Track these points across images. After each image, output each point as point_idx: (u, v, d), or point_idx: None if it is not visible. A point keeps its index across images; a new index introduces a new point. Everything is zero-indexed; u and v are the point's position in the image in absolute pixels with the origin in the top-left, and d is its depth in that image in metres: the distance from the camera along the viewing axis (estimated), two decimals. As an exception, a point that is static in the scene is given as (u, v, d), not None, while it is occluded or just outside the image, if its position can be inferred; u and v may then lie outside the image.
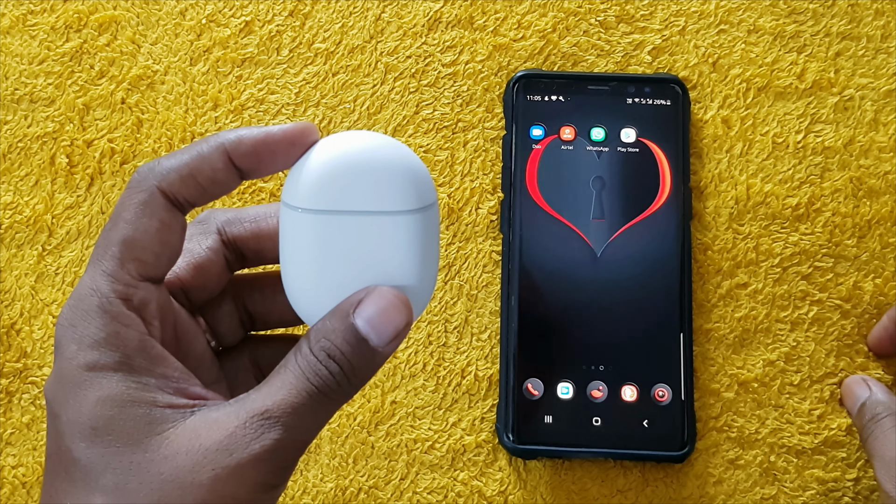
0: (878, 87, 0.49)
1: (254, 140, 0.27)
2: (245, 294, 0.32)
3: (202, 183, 0.26)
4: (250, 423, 0.24)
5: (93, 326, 0.25)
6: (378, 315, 0.26)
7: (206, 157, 0.26)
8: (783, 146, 0.48)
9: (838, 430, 0.45)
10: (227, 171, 0.27)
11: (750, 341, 0.46)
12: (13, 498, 0.45)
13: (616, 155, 0.47)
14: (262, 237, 0.30)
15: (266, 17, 0.50)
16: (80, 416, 0.24)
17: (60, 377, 0.25)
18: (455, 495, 0.45)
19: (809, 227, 0.47)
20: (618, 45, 0.49)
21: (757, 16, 0.50)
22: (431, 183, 0.27)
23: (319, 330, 0.26)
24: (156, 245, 0.26)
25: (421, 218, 0.27)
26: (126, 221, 0.26)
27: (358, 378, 0.26)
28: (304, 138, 0.27)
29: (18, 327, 0.47)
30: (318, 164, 0.26)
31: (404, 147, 0.27)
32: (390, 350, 0.26)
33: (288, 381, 0.25)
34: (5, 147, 0.49)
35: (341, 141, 0.27)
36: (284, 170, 0.27)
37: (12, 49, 0.50)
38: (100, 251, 0.26)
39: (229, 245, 0.30)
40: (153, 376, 0.25)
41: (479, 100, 0.49)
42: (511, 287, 0.46)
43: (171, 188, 0.26)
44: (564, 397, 0.45)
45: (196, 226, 0.30)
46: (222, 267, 0.30)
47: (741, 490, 0.45)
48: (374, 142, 0.27)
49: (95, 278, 0.26)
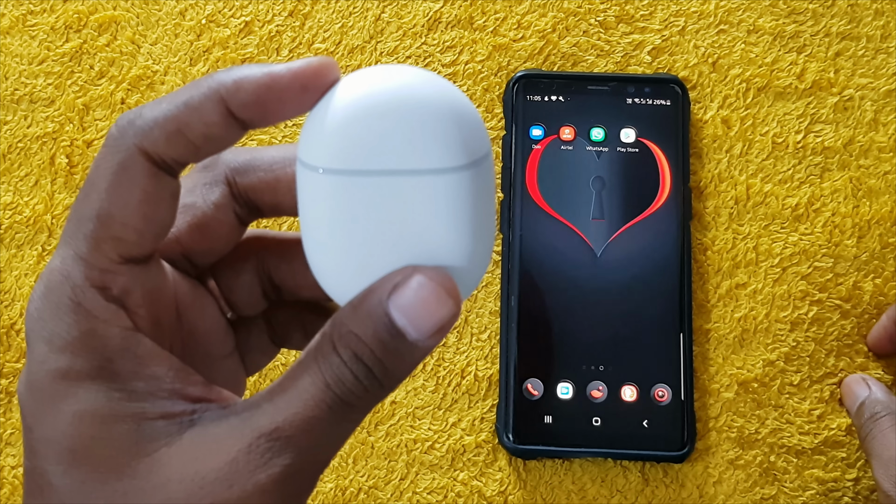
0: (878, 87, 0.49)
1: (256, 85, 0.21)
2: (271, 263, 0.26)
3: (194, 140, 0.21)
4: (256, 445, 0.20)
5: (64, 324, 0.21)
6: (418, 304, 0.21)
7: (198, 107, 0.21)
8: (783, 146, 0.48)
9: (838, 430, 0.45)
10: (224, 125, 0.21)
11: (750, 341, 0.46)
12: (13, 498, 0.45)
13: (616, 155, 0.47)
14: (280, 189, 0.24)
15: (266, 17, 0.50)
16: (55, 433, 0.20)
17: (32, 382, 0.21)
18: (455, 495, 0.45)
19: (809, 227, 0.47)
20: (617, 46, 0.49)
21: (757, 16, 0.50)
22: (483, 129, 0.22)
23: (345, 321, 0.21)
24: (138, 220, 0.21)
25: (471, 176, 0.21)
26: (100, 191, 0.21)
27: (390, 380, 0.21)
28: (320, 80, 0.21)
29: (18, 327, 0.47)
30: (339, 113, 0.21)
31: (446, 83, 0.22)
32: (432, 345, 0.21)
33: (304, 391, 0.21)
34: (5, 147, 0.49)
35: (367, 80, 0.21)
36: (298, 116, 0.22)
37: (12, 49, 0.50)
38: (71, 227, 0.21)
39: (240, 197, 0.25)
40: (141, 379, 0.21)
41: (478, 100, 0.49)
42: (511, 287, 0.46)
43: (156, 147, 0.21)
44: (564, 397, 0.45)
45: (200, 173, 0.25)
46: (231, 224, 0.25)
47: (741, 490, 0.45)
48: (408, 79, 0.21)
49: (66, 262, 0.21)
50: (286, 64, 0.21)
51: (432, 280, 0.21)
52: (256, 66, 0.21)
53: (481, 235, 0.22)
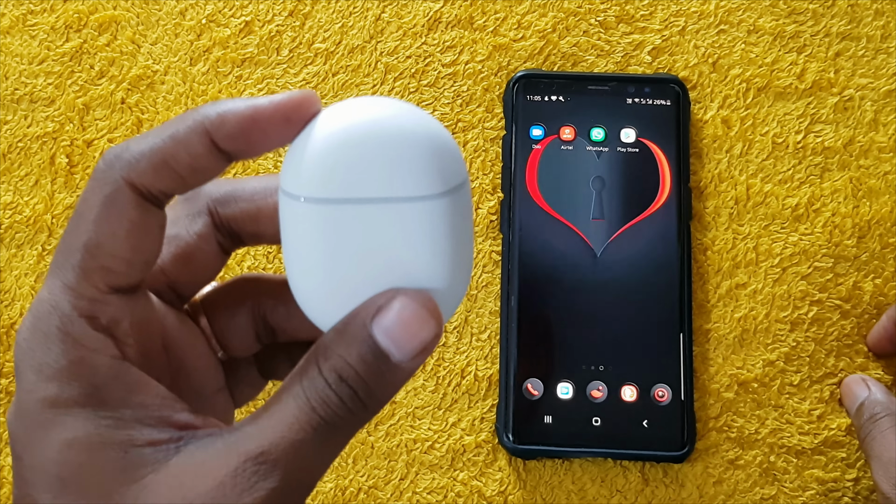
0: (878, 87, 0.49)
1: (240, 117, 0.22)
2: (267, 305, 0.27)
3: (180, 171, 0.22)
4: (242, 469, 0.20)
5: (53, 353, 0.21)
6: (401, 326, 0.21)
7: (183, 140, 0.21)
8: (783, 146, 0.48)
9: (838, 430, 0.45)
10: (209, 156, 0.22)
11: (749, 341, 0.46)
12: (13, 498, 0.45)
13: (616, 155, 0.47)
14: (262, 218, 0.25)
15: (266, 17, 0.50)
16: (44, 462, 0.21)
17: (21, 411, 0.21)
18: (455, 495, 0.45)
19: (809, 227, 0.47)
20: (618, 46, 0.49)
21: (757, 16, 0.50)
22: (460, 158, 0.23)
23: (329, 345, 0.22)
24: (125, 250, 0.22)
25: (448, 203, 0.22)
26: (89, 222, 0.22)
27: (374, 402, 0.22)
28: (302, 111, 0.22)
29: (18, 327, 0.47)
30: (320, 143, 0.22)
31: (424, 114, 0.23)
32: (415, 366, 0.22)
33: (289, 414, 0.21)
34: (5, 147, 0.49)
35: (347, 112, 0.22)
36: (281, 147, 0.23)
37: (12, 49, 0.50)
38: (59, 258, 0.22)
39: (222, 227, 0.25)
40: (129, 407, 0.21)
41: (478, 100, 0.49)
42: (511, 287, 0.46)
43: (142, 180, 0.21)
44: (564, 397, 0.45)
45: (182, 205, 0.25)
46: (215, 254, 0.26)
47: (741, 490, 0.45)
48: (387, 111, 0.22)
49: (55, 292, 0.22)
50: (269, 97, 0.22)
51: (414, 301, 0.22)
52: (240, 99, 0.22)
53: (460, 259, 0.23)
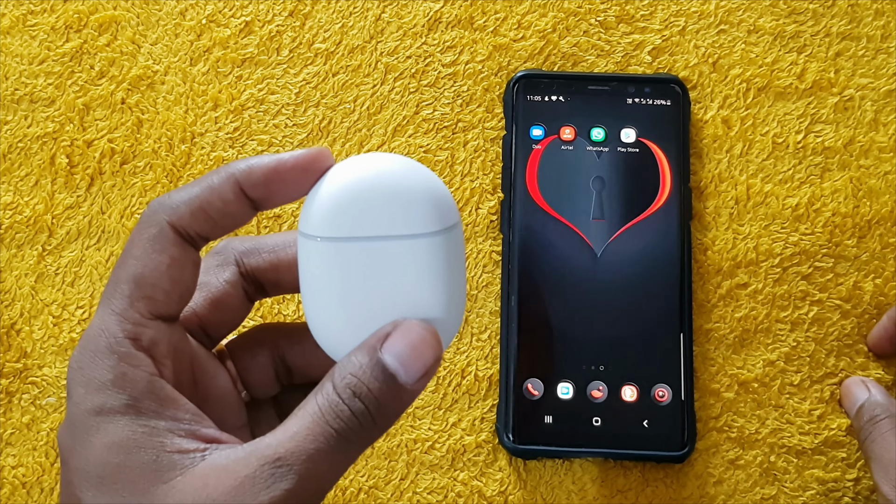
0: (878, 87, 0.49)
1: (265, 169, 0.26)
2: (284, 346, 0.30)
3: (213, 216, 0.26)
4: (261, 471, 0.23)
5: (100, 368, 0.24)
6: (407, 350, 0.25)
7: (217, 188, 0.26)
8: (783, 146, 0.48)
9: (838, 430, 0.45)
10: (238, 203, 0.26)
11: (750, 341, 0.46)
12: (13, 498, 0.45)
13: (616, 155, 0.47)
14: (281, 268, 0.29)
15: (266, 17, 0.50)
16: (87, 464, 0.24)
17: (70, 423, 0.25)
18: (455, 495, 0.45)
19: (809, 227, 0.47)
20: (618, 46, 0.49)
21: (757, 16, 0.50)
22: (453, 204, 0.26)
23: (345, 366, 0.25)
24: (166, 282, 0.25)
25: (443, 240, 0.26)
26: (135, 258, 0.25)
27: (383, 419, 0.25)
28: (317, 164, 0.26)
29: (18, 327, 0.47)
30: (333, 190, 0.25)
31: (422, 168, 0.26)
32: (419, 388, 0.25)
33: (305, 425, 0.24)
34: (5, 147, 0.49)
35: (356, 165, 0.26)
36: (299, 198, 0.26)
37: (12, 49, 0.50)
38: (110, 290, 0.26)
39: (247, 276, 0.29)
40: (162, 419, 0.24)
41: (479, 100, 0.49)
42: (511, 287, 0.46)
43: (182, 222, 0.26)
44: (564, 397, 0.44)
45: (213, 257, 0.30)
46: (241, 300, 0.29)
47: (741, 490, 0.45)
48: (391, 164, 0.26)
49: (104, 318, 0.25)
50: (290, 153, 0.26)
51: (419, 329, 0.25)
52: (267, 155, 0.26)
53: (455, 291, 0.26)
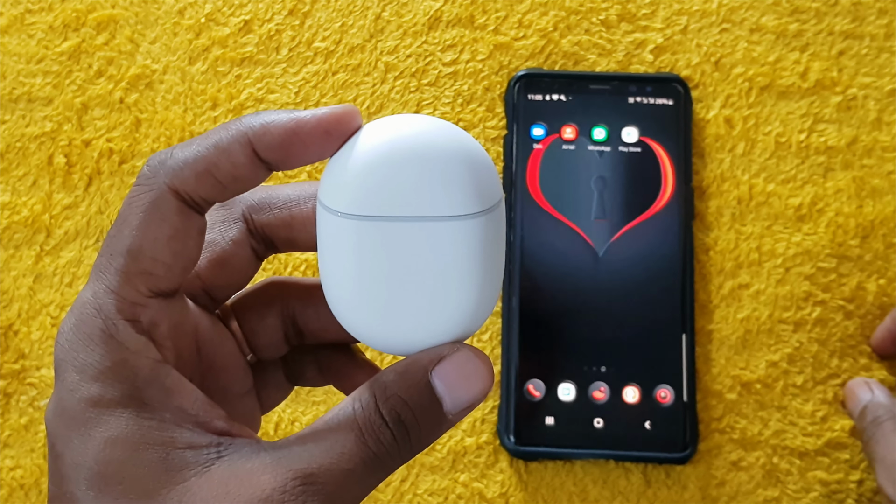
0: (882, 86, 0.48)
1: (282, 129, 0.22)
2: (296, 307, 0.27)
3: (221, 180, 0.23)
4: (291, 486, 0.21)
5: (97, 354, 0.22)
6: (459, 379, 0.23)
7: (226, 149, 0.22)
8: (786, 146, 0.48)
9: (841, 431, 0.45)
10: (250, 166, 0.23)
11: (752, 342, 0.46)
12: (11, 500, 0.45)
13: (618, 154, 0.47)
14: (295, 225, 0.26)
15: (265, 16, 0.50)
16: (86, 459, 0.21)
17: (62, 409, 0.22)
18: (456, 497, 0.44)
19: (812, 227, 0.47)
20: (619, 44, 0.49)
21: (759, 14, 0.49)
22: (496, 177, 0.23)
23: (389, 384, 0.23)
24: (167, 255, 0.23)
25: (483, 223, 0.22)
26: (132, 227, 0.22)
27: (420, 445, 0.23)
28: (343, 126, 0.23)
29: (16, 328, 0.46)
30: (360, 161, 0.22)
31: (462, 134, 0.23)
32: (456, 420, 0.23)
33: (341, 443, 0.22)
34: (3, 147, 0.49)
35: (387, 129, 0.22)
36: (320, 161, 0.23)
37: (10, 48, 0.50)
38: (103, 262, 0.23)
39: (256, 233, 0.26)
40: (168, 410, 0.22)
41: (479, 99, 0.49)
42: (512, 287, 0.45)
43: (185, 186, 0.22)
44: (566, 398, 0.44)
45: (218, 211, 0.26)
46: (249, 259, 0.26)
47: (744, 492, 0.44)
48: (426, 128, 0.22)
49: (98, 295, 0.22)
50: (312, 110, 0.23)
51: (475, 361, 0.23)
52: (283, 111, 0.23)
53: (491, 277, 0.23)
